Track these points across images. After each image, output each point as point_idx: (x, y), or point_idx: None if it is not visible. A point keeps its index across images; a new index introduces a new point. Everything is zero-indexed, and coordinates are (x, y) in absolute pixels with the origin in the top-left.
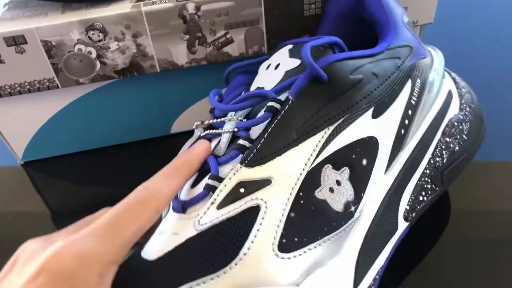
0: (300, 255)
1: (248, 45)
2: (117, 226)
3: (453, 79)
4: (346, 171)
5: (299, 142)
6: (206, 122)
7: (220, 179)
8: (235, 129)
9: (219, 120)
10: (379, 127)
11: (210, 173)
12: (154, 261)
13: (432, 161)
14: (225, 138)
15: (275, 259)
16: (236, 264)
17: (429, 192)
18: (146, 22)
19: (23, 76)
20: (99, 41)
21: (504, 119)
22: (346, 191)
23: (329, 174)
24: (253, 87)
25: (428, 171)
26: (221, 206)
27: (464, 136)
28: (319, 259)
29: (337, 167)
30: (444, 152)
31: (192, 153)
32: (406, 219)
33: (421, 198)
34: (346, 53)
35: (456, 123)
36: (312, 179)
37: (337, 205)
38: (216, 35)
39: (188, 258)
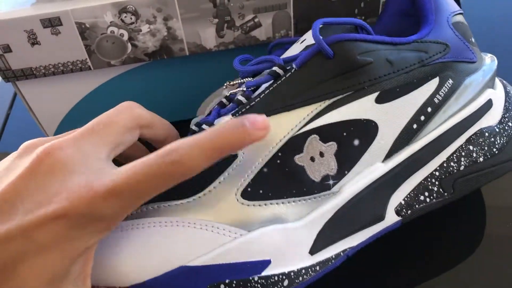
0: (260, 205)
1: (276, 29)
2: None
3: (507, 93)
4: (333, 146)
5: (291, 108)
6: (233, 82)
7: (210, 124)
8: (244, 88)
9: (241, 81)
10: (383, 113)
11: (207, 119)
12: None
13: (445, 165)
14: (238, 93)
15: (235, 203)
16: (199, 197)
17: (434, 195)
18: (177, 5)
19: (57, 57)
20: (131, 23)
21: None
22: (328, 165)
23: (314, 144)
24: (283, 56)
25: (437, 173)
26: None
27: (494, 150)
28: (279, 216)
29: (324, 139)
30: (462, 159)
31: (236, 143)
32: (398, 213)
33: (422, 198)
34: (361, 35)
35: (487, 134)
36: (294, 144)
37: (315, 174)
38: (245, 19)
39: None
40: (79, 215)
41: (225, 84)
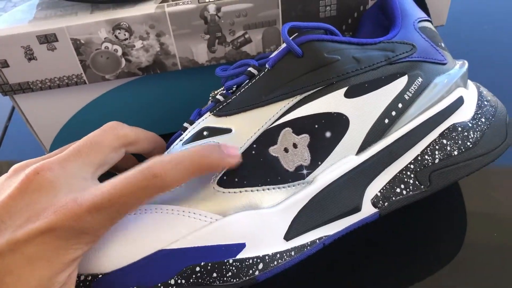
0: (235, 192)
1: (266, 44)
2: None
3: (480, 93)
4: (306, 138)
5: (264, 104)
6: (216, 92)
7: (192, 123)
8: (224, 90)
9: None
10: (352, 107)
11: (189, 118)
12: None
13: (420, 158)
14: (218, 95)
15: (212, 190)
16: (181, 187)
17: (411, 187)
18: (169, 22)
19: (53, 72)
20: (125, 39)
21: None
22: (302, 155)
23: (287, 136)
24: None
25: (412, 166)
26: (185, 143)
27: (468, 144)
28: (254, 203)
29: (296, 132)
30: (437, 152)
31: (218, 161)
32: (374, 205)
33: (398, 190)
34: (328, 36)
35: (460, 128)
36: (268, 136)
37: (289, 164)
38: (235, 35)
39: None
40: (66, 228)
41: (211, 94)
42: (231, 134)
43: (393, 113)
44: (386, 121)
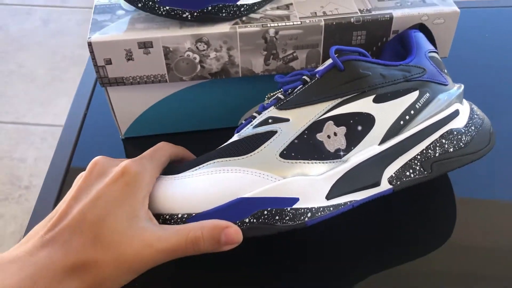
0: (292, 163)
1: (308, 62)
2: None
3: (472, 109)
4: (343, 129)
5: (314, 103)
6: (272, 94)
7: (260, 113)
8: (282, 90)
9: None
10: (378, 110)
11: (257, 109)
12: (216, 149)
13: (424, 152)
14: (278, 94)
15: (275, 159)
16: (251, 155)
17: (417, 172)
18: (239, 39)
19: (144, 71)
20: (203, 50)
21: None
22: (340, 141)
23: (330, 127)
24: None
25: (419, 157)
26: (255, 126)
27: (461, 144)
28: (305, 171)
29: (337, 124)
30: (437, 148)
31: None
32: (390, 182)
33: (407, 173)
34: (363, 57)
35: (455, 132)
36: (316, 126)
37: (330, 147)
38: (286, 53)
39: (226, 148)
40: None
41: (266, 97)
42: (289, 122)
43: (407, 117)
44: (402, 122)
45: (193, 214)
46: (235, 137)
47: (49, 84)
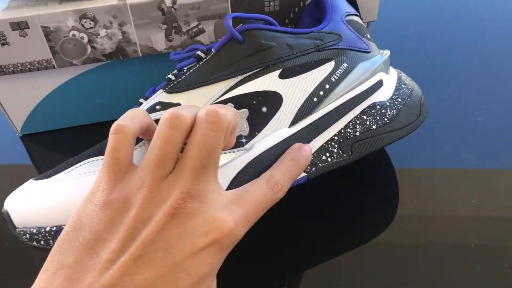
0: None
1: (218, 35)
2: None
3: (399, 78)
4: (245, 112)
5: (210, 82)
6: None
7: (147, 99)
8: (175, 71)
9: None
10: (286, 87)
11: (145, 95)
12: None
13: (343, 131)
14: (169, 75)
15: None
16: (136, 150)
17: (335, 155)
18: (130, 13)
19: (24, 57)
20: (90, 28)
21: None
22: (241, 127)
23: None
24: None
25: (336, 138)
26: None
27: (385, 119)
28: None
29: (238, 106)
30: (357, 126)
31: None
32: (304, 170)
33: (324, 157)
34: (266, 26)
35: (378, 106)
36: None
37: None
38: (190, 25)
39: (105, 143)
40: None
41: (166, 76)
42: None
43: (321, 92)
44: (315, 99)
45: (63, 226)
46: None
47: None
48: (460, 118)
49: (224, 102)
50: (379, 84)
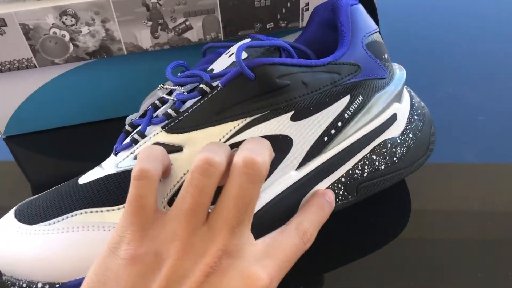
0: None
1: (206, 31)
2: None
3: (412, 105)
4: None
5: (216, 123)
6: (166, 86)
7: (143, 136)
8: (175, 99)
9: (173, 87)
10: (297, 129)
11: (138, 129)
12: (81, 185)
13: (350, 172)
14: (168, 104)
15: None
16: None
17: (340, 197)
18: (113, 9)
19: (4, 56)
20: (72, 25)
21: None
22: None
23: None
24: (211, 67)
25: (343, 179)
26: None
27: (394, 159)
28: None
29: None
30: (366, 167)
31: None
32: None
33: None
34: (280, 59)
35: (389, 145)
36: None
37: None
38: (177, 22)
39: (97, 191)
40: None
41: (159, 86)
42: (182, 153)
43: (333, 131)
44: (326, 139)
45: (57, 285)
46: (111, 168)
47: None
48: (461, 117)
49: (231, 146)
50: (392, 119)
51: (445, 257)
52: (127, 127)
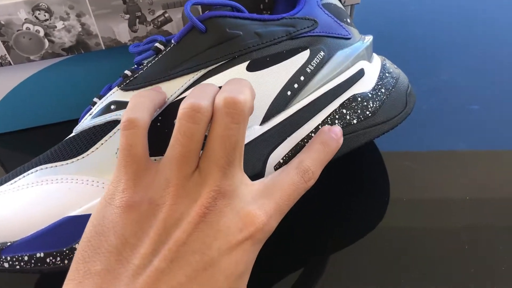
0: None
1: (186, 23)
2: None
3: (383, 65)
4: None
5: (170, 78)
6: None
7: (101, 97)
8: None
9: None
10: (255, 80)
11: (99, 93)
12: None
13: (320, 127)
14: (126, 70)
15: (115, 160)
16: (83, 158)
17: None
18: (88, 2)
19: None
20: (45, 20)
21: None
22: None
23: None
24: None
25: (313, 135)
26: (94, 116)
27: (367, 113)
28: None
29: None
30: (337, 121)
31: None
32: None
33: None
34: (230, 12)
35: (359, 99)
36: (174, 109)
37: None
38: (155, 14)
39: (54, 150)
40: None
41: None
42: None
43: (295, 85)
44: (289, 93)
45: (8, 244)
46: (73, 133)
47: None
48: (454, 106)
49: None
50: (360, 73)
51: (436, 247)
52: (94, 100)
